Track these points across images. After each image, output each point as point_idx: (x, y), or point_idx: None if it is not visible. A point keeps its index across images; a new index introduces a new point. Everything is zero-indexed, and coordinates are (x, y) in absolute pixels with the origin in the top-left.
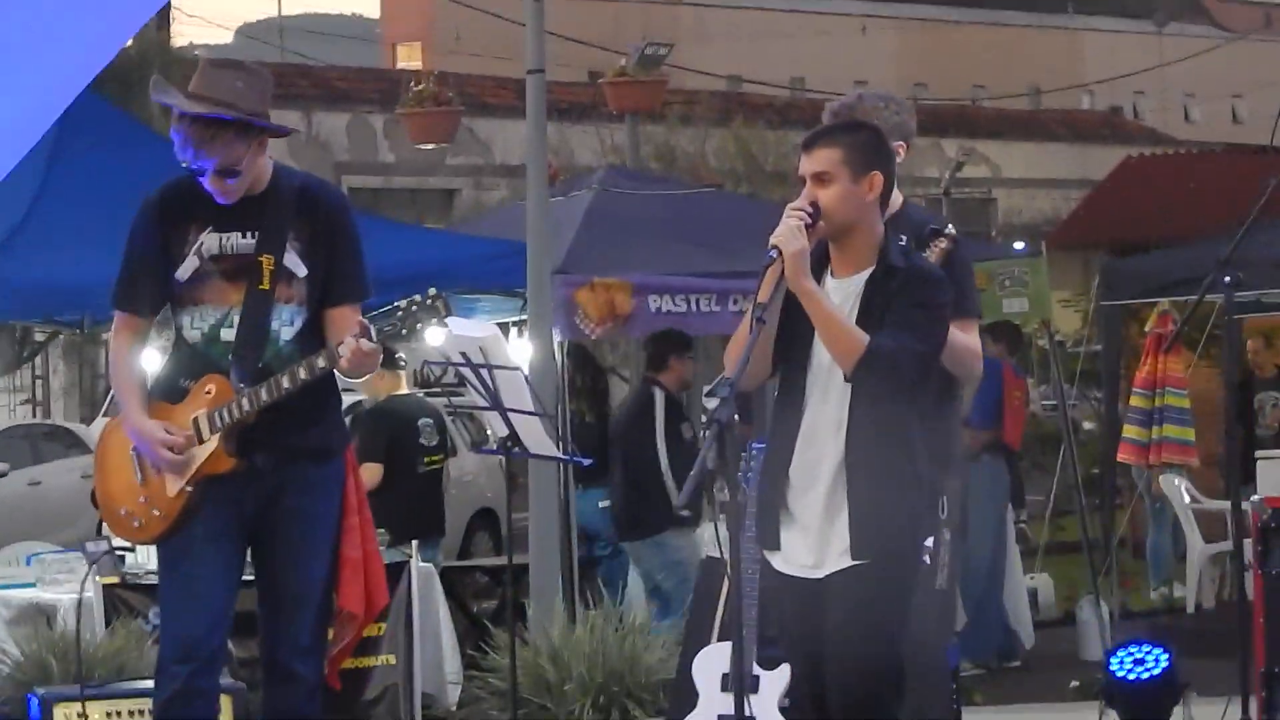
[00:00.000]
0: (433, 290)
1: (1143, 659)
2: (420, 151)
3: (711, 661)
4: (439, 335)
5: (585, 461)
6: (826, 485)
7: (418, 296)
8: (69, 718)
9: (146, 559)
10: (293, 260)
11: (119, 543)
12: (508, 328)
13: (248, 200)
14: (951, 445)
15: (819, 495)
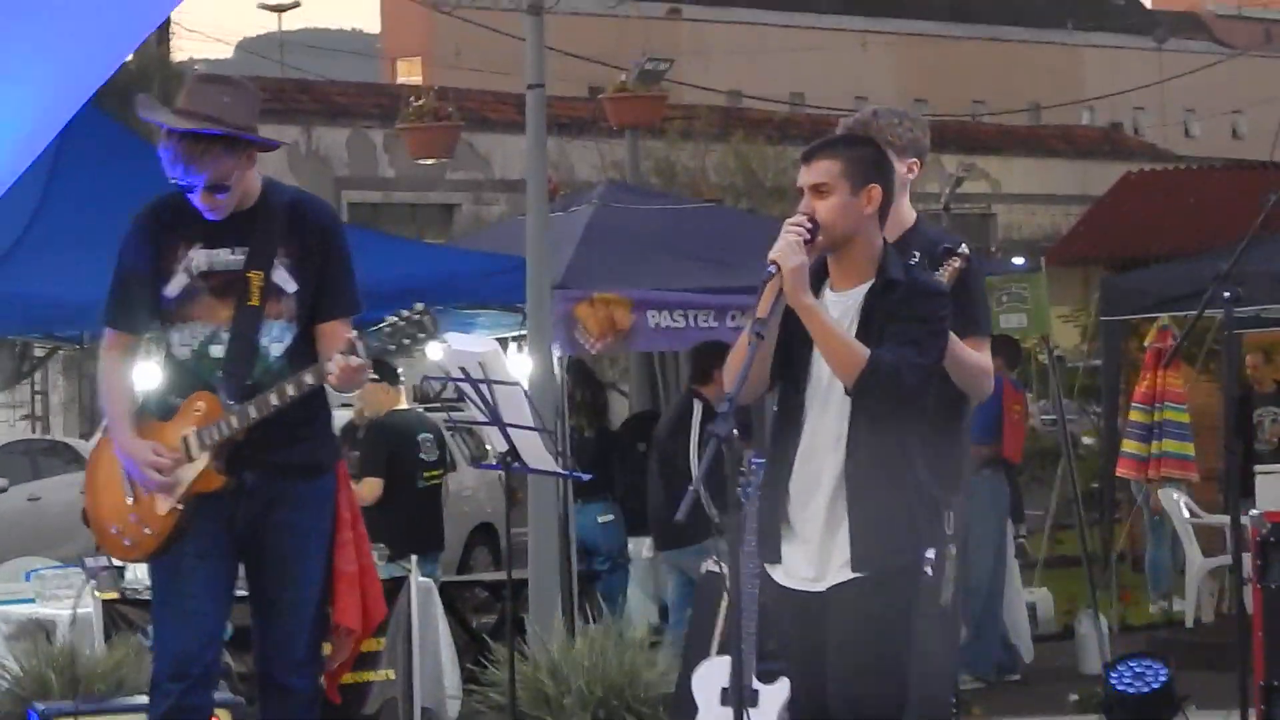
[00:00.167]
0: (419, 305)
1: (1142, 673)
2: (420, 166)
3: (711, 675)
4: (438, 350)
5: (584, 476)
6: (827, 498)
7: (404, 312)
8: None
9: (146, 574)
10: (282, 276)
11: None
12: (507, 343)
13: (237, 216)
14: (960, 461)
15: (819, 509)
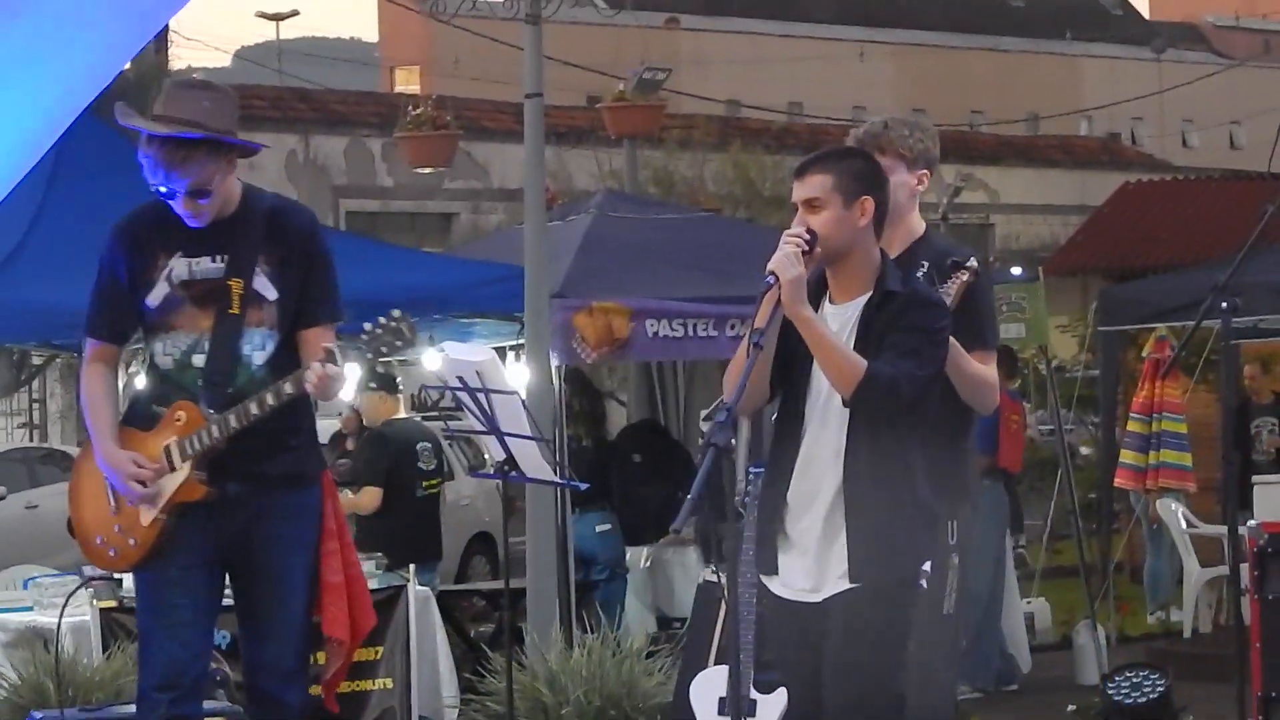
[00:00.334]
0: (396, 312)
1: (1139, 683)
2: (418, 175)
3: (709, 685)
4: (436, 359)
5: (582, 486)
6: (825, 510)
7: (382, 319)
8: None
9: None
10: (263, 283)
11: None
12: (505, 352)
13: (217, 224)
14: (964, 472)
15: (817, 519)
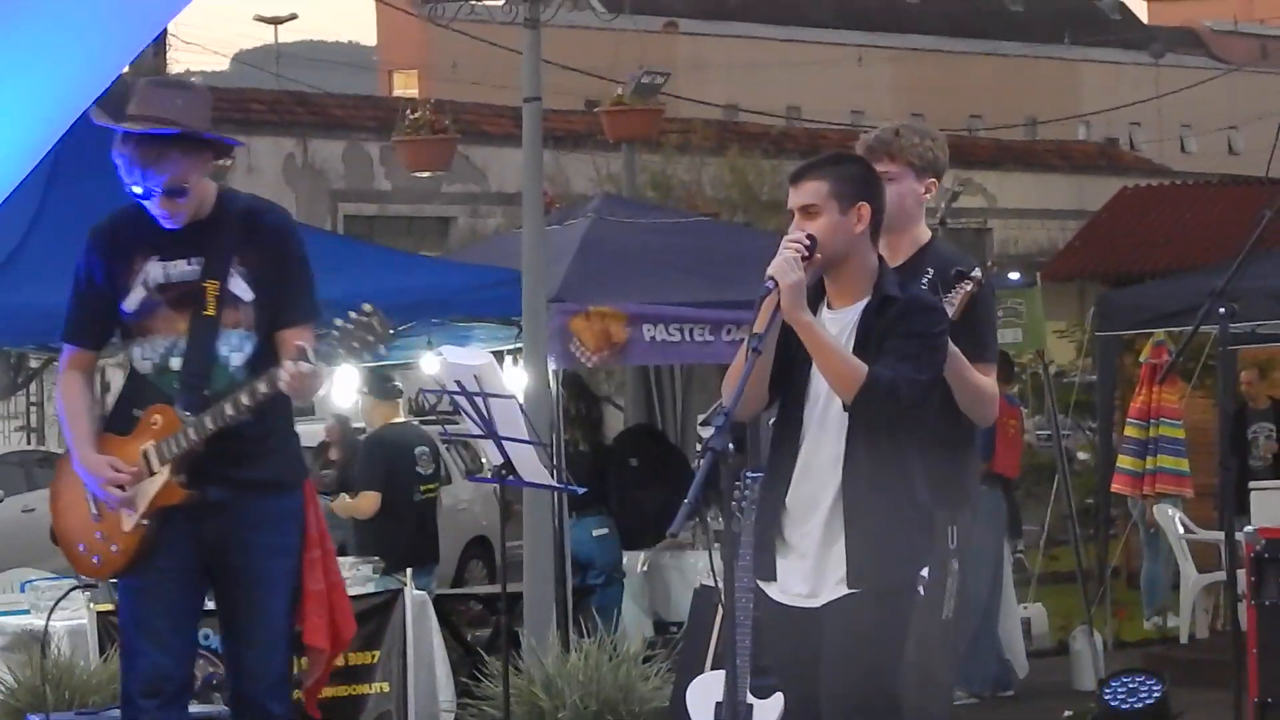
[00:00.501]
0: (367, 306)
1: (1136, 689)
2: (416, 179)
3: (705, 690)
4: (434, 363)
5: (579, 490)
6: (824, 515)
7: (353, 314)
8: None
9: None
10: (239, 285)
11: None
12: (503, 356)
13: (192, 227)
14: (964, 478)
15: (816, 525)
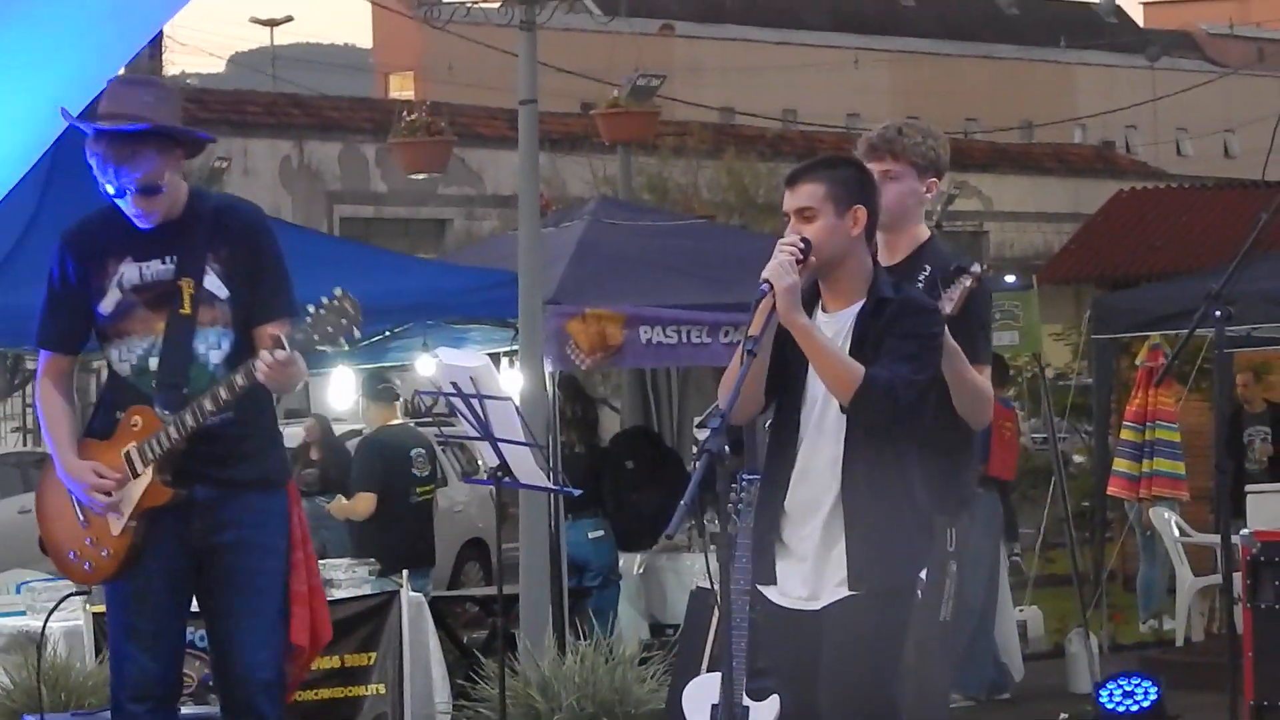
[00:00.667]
0: (339, 290)
1: (1132, 691)
2: (412, 181)
3: (701, 692)
4: (430, 365)
5: (575, 492)
6: (823, 518)
7: (324, 299)
8: None
9: None
10: (214, 282)
11: None
12: (499, 358)
13: (164, 226)
14: (962, 480)
15: (815, 528)
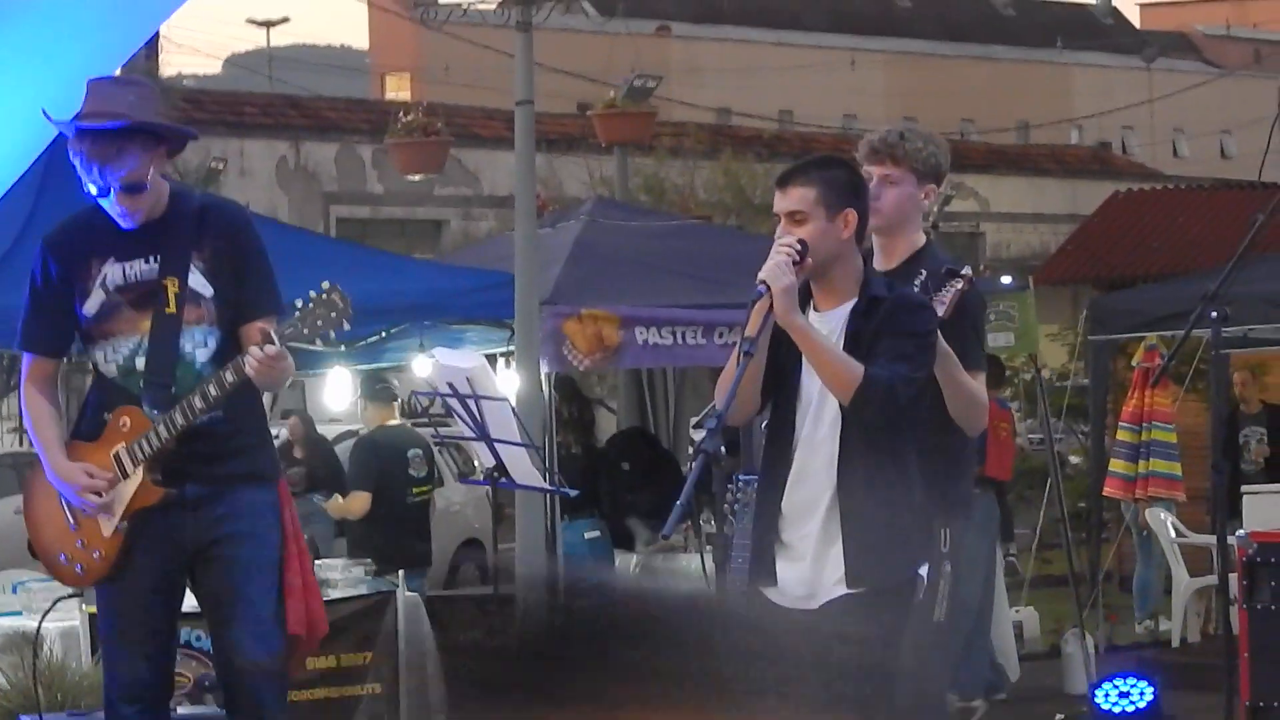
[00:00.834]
0: (326, 284)
1: (1128, 692)
2: (409, 182)
3: None
4: (427, 365)
5: (571, 492)
6: (821, 517)
7: (313, 293)
8: None
9: None
10: (198, 281)
11: None
12: (496, 359)
13: (147, 226)
14: (959, 482)
15: (814, 527)
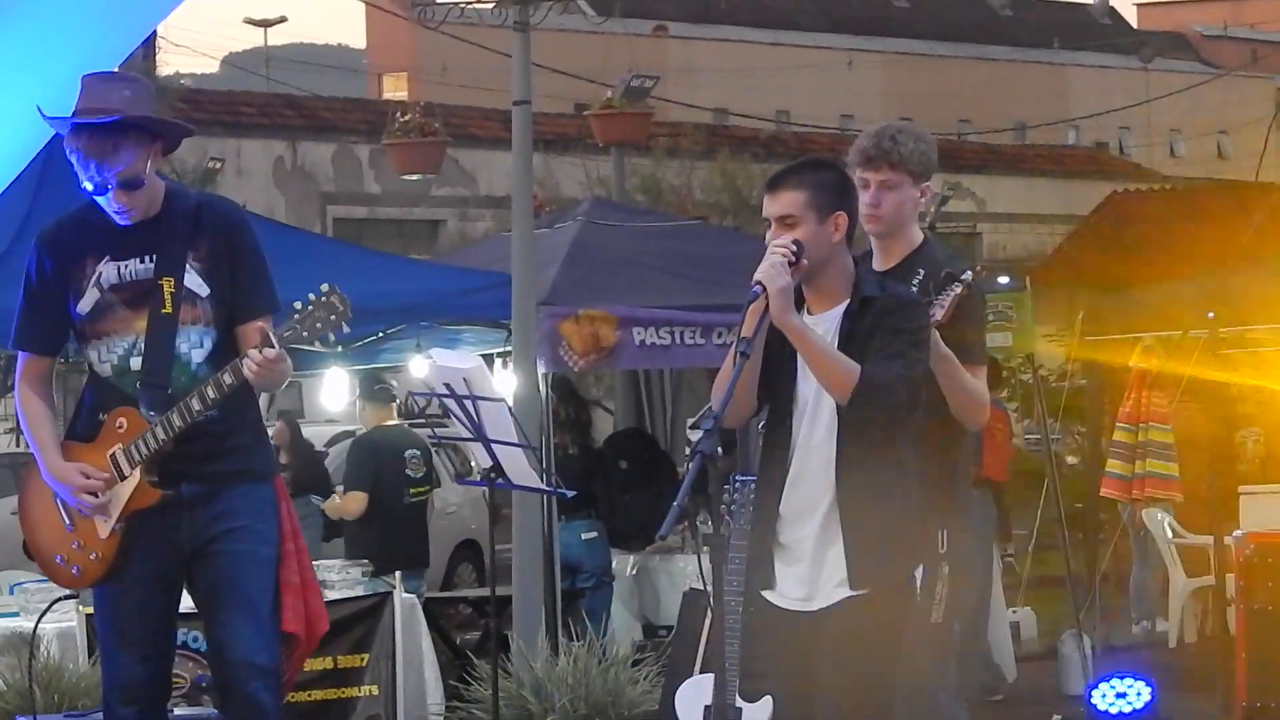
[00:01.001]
0: (326, 286)
1: (1125, 693)
2: (406, 182)
3: (694, 694)
4: (424, 366)
5: (568, 493)
6: (819, 519)
7: (312, 295)
8: None
9: None
10: (194, 280)
11: None
12: (492, 359)
13: (142, 225)
14: (956, 482)
15: (812, 529)
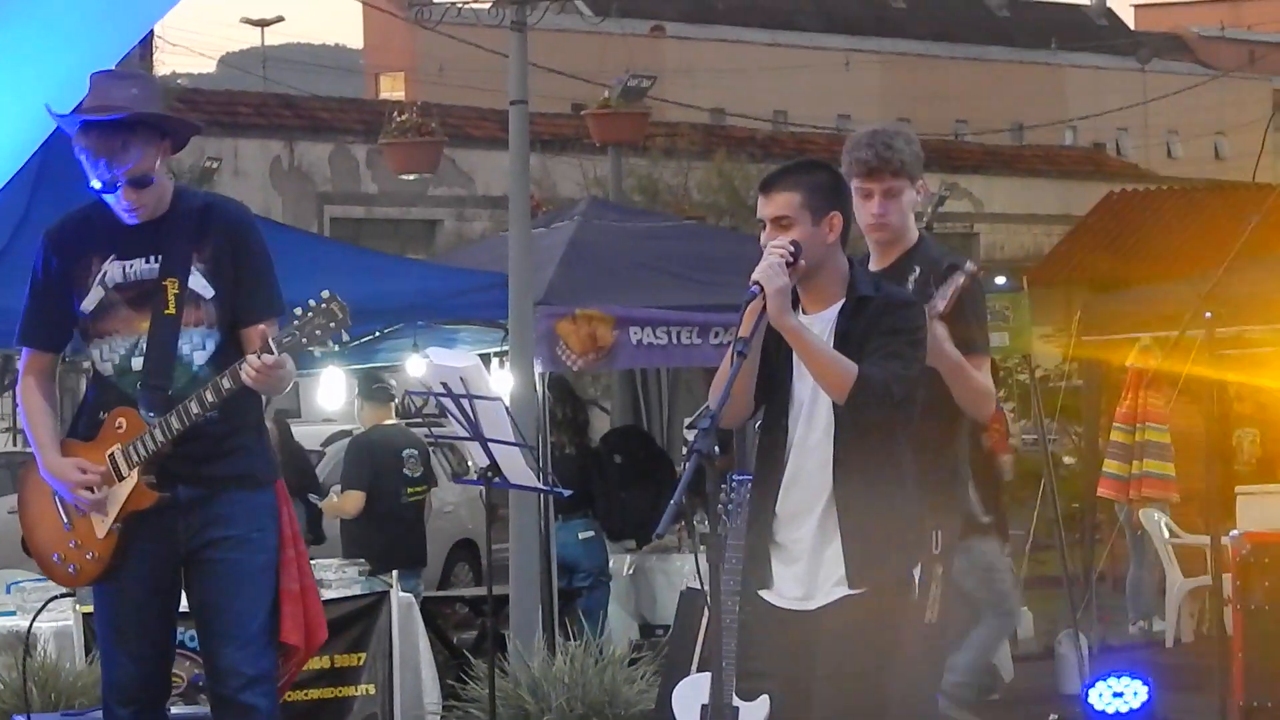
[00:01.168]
0: (326, 293)
1: (1122, 692)
2: (403, 182)
3: (691, 693)
4: (421, 365)
5: (565, 493)
6: (816, 519)
7: (312, 301)
8: None
9: None
10: (199, 282)
11: None
12: (489, 359)
13: (149, 225)
14: (952, 483)
15: (809, 529)
